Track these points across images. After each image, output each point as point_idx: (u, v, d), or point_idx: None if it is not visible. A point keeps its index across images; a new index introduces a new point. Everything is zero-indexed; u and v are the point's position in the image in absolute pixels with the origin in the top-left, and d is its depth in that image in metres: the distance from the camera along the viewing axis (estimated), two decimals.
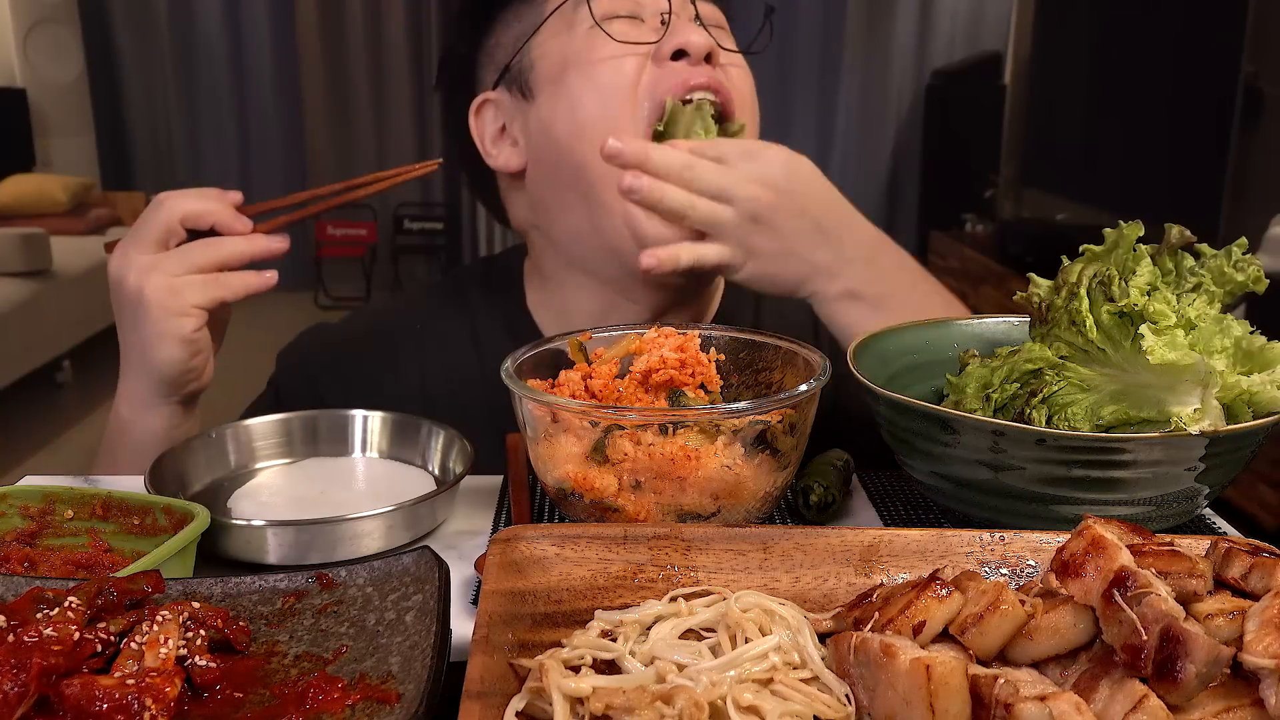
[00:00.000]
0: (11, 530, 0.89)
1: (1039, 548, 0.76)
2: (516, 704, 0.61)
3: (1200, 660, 0.56)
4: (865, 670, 0.61)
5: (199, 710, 0.63)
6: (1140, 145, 5.10)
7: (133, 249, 1.11)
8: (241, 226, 1.13)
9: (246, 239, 1.13)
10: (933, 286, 1.27)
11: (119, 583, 0.69)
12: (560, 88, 1.25)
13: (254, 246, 1.13)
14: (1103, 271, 0.91)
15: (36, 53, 6.73)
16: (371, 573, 0.74)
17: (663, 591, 0.73)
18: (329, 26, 7.65)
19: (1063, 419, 0.89)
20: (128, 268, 1.10)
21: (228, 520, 0.88)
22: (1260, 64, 4.11)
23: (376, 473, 1.06)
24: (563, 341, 1.00)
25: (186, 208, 1.11)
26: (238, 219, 1.13)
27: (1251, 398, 0.86)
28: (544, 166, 1.28)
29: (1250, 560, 0.67)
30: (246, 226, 1.13)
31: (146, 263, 1.10)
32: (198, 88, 7.72)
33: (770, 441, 0.87)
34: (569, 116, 1.24)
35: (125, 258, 1.11)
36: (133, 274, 1.10)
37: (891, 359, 1.04)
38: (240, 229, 1.13)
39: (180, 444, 1.04)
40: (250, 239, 1.13)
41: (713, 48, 1.23)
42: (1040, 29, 6.49)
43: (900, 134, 8.11)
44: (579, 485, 0.86)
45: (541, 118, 1.26)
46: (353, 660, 0.67)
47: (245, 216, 1.14)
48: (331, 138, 7.84)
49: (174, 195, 1.13)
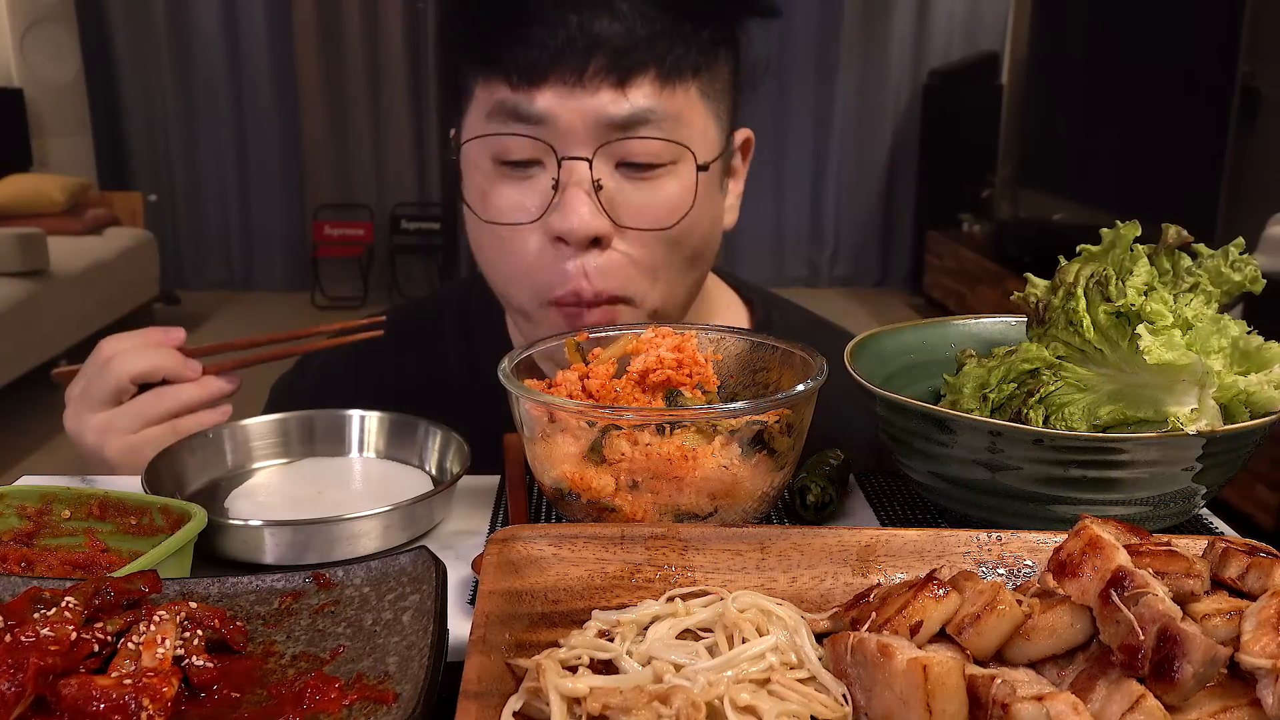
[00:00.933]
0: (9, 530, 0.89)
1: (1036, 548, 0.76)
2: (513, 704, 0.61)
3: (1197, 660, 0.56)
4: (862, 670, 0.61)
5: (196, 710, 0.63)
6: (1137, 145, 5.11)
7: (85, 410, 1.12)
8: (191, 373, 1.14)
9: (199, 384, 1.14)
10: None
11: (116, 583, 0.69)
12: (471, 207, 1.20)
13: (206, 390, 1.14)
14: (1100, 271, 0.91)
15: (34, 53, 6.73)
16: (369, 573, 0.74)
17: (660, 591, 0.73)
18: (326, 26, 7.65)
19: (1060, 419, 0.90)
20: (84, 429, 1.12)
21: (225, 520, 0.88)
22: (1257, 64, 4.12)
23: (373, 473, 1.06)
24: (560, 342, 1.00)
25: (135, 368, 1.11)
26: (187, 365, 1.14)
27: (1248, 398, 0.86)
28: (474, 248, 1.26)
29: (1247, 560, 0.67)
30: (196, 371, 1.14)
31: (101, 423, 1.12)
32: (195, 88, 7.72)
33: (767, 441, 0.87)
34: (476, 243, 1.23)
35: (79, 419, 1.13)
36: (90, 435, 1.12)
37: (889, 359, 1.04)
38: (190, 375, 1.14)
39: (177, 444, 1.04)
40: (202, 383, 1.14)
41: (602, 232, 1.12)
42: (1037, 29, 6.50)
43: (897, 134, 8.12)
44: (576, 485, 0.86)
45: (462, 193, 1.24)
46: (350, 660, 0.67)
47: (194, 361, 1.14)
48: (328, 137, 7.84)
49: (121, 352, 1.12)
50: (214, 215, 8.02)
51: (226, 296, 7.91)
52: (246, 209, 8.03)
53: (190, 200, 7.96)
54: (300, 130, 7.85)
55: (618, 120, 1.10)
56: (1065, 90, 6.09)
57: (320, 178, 7.91)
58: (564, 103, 1.10)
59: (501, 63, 1.11)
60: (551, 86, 1.10)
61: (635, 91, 1.11)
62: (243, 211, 8.04)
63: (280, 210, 8.01)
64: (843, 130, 8.09)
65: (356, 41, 7.66)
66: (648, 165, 1.13)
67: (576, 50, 1.09)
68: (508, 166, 1.15)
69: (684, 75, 1.13)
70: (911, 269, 8.18)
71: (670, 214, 1.15)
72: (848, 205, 8.31)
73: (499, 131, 1.13)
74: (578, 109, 1.10)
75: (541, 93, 1.10)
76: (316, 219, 7.80)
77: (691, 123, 1.15)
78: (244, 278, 8.15)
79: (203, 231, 8.04)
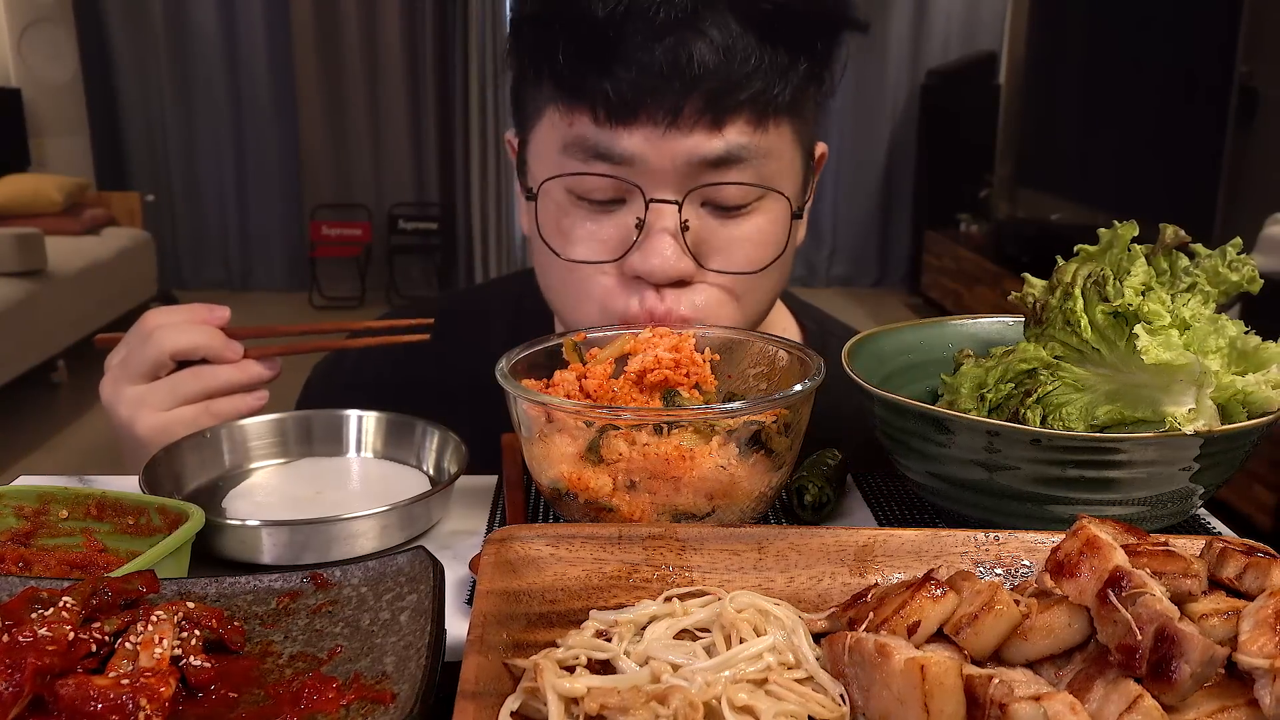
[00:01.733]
0: (6, 530, 0.89)
1: (1034, 548, 0.76)
2: (511, 704, 0.61)
3: (1195, 660, 0.56)
4: (860, 670, 0.61)
5: (194, 710, 0.63)
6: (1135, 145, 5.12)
7: (123, 380, 1.10)
8: (232, 354, 1.11)
9: (238, 367, 1.11)
10: None
11: (114, 583, 0.69)
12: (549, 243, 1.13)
13: (245, 374, 1.11)
14: (1097, 271, 0.91)
15: (32, 53, 6.73)
16: (366, 573, 0.74)
17: (657, 591, 0.73)
18: (324, 27, 7.66)
19: (1057, 419, 0.90)
20: (118, 400, 1.10)
21: (222, 520, 0.88)
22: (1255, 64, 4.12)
23: (371, 473, 1.06)
24: (558, 341, 1.00)
25: (178, 343, 1.09)
26: (228, 346, 1.11)
27: (1246, 398, 0.86)
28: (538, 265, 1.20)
29: (1245, 560, 0.67)
30: (237, 353, 1.11)
31: (136, 396, 1.09)
32: (193, 88, 7.73)
33: (765, 441, 0.87)
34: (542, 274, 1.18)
35: (116, 389, 1.11)
36: (123, 407, 1.10)
37: (886, 359, 1.05)
38: (231, 357, 1.11)
39: (175, 444, 1.04)
40: (241, 367, 1.11)
41: (686, 274, 1.07)
42: (1035, 29, 6.51)
43: (895, 134, 8.14)
44: (574, 485, 0.86)
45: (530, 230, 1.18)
46: (347, 660, 0.67)
47: (235, 343, 1.12)
48: (325, 137, 7.85)
49: (164, 326, 1.09)
50: (212, 215, 8.03)
51: (224, 296, 7.85)
52: (244, 209, 8.04)
53: (188, 200, 7.97)
54: (298, 131, 7.86)
55: (710, 159, 1.04)
56: (1063, 90, 6.10)
57: (318, 178, 7.92)
58: (654, 144, 1.03)
59: (586, 96, 1.04)
60: (642, 126, 1.03)
61: (730, 130, 1.04)
62: (240, 211, 8.05)
63: (278, 210, 8.02)
64: (840, 130, 8.10)
65: (354, 42, 7.67)
66: (736, 207, 1.08)
67: (672, 89, 1.02)
68: (585, 203, 1.09)
69: (779, 112, 1.08)
70: (909, 269, 8.19)
71: (760, 255, 1.10)
72: (846, 205, 8.33)
73: (581, 171, 1.06)
74: (669, 150, 1.04)
75: (630, 132, 1.03)
76: (314, 219, 7.81)
77: (782, 157, 1.10)
78: (242, 277, 8.16)
79: (200, 231, 8.05)
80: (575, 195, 1.09)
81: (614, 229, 1.09)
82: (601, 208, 1.09)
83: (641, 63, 1.01)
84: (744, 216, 1.09)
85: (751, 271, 1.10)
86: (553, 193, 1.11)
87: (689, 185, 1.06)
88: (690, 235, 1.07)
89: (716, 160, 1.05)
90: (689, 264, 1.07)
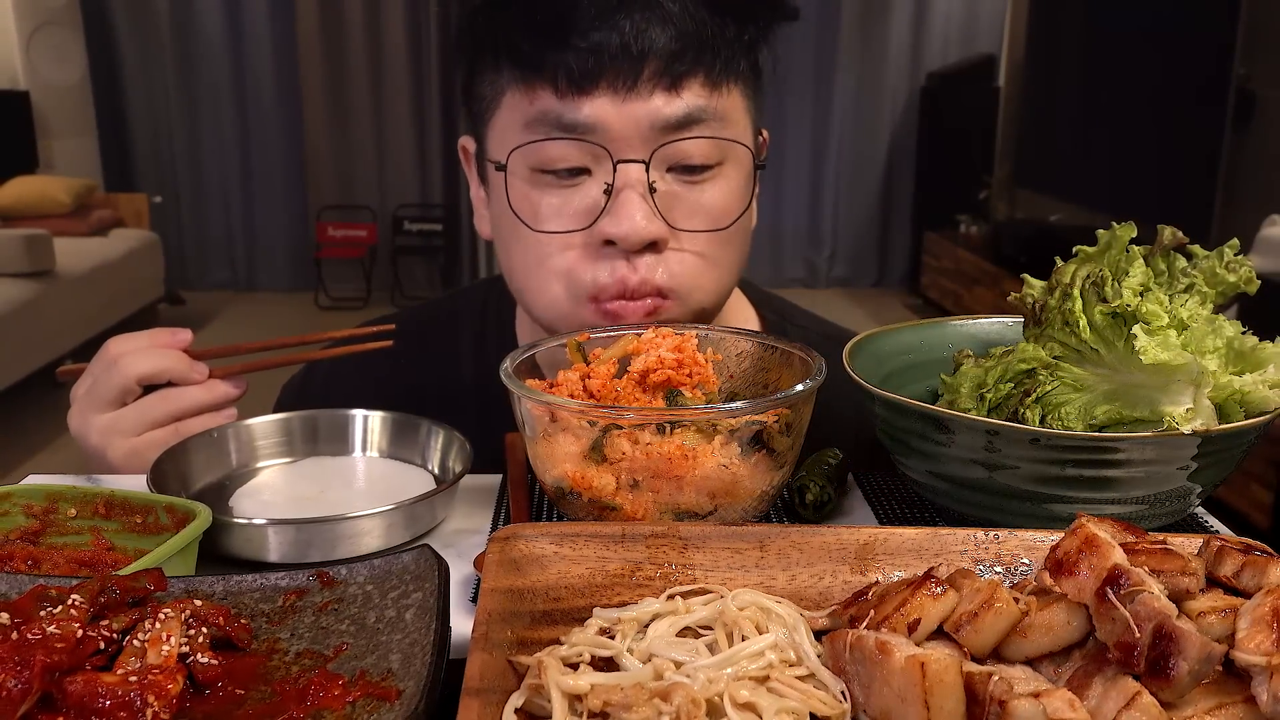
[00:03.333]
0: (15, 529, 0.89)
1: (1033, 546, 0.76)
2: (515, 701, 0.62)
3: (1193, 658, 0.57)
4: (861, 667, 0.62)
5: (200, 707, 0.63)
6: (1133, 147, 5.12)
7: (90, 410, 1.11)
8: (198, 375, 1.12)
9: (204, 388, 1.13)
10: None
11: (121, 581, 0.69)
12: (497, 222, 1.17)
13: (212, 395, 1.13)
14: (1096, 272, 0.92)
15: (40, 56, 6.74)
16: (371, 571, 0.74)
17: (660, 589, 0.74)
18: (328, 30, 7.66)
19: (1056, 418, 0.90)
20: (88, 429, 1.11)
21: (229, 519, 0.89)
22: (1252, 66, 4.13)
23: (376, 472, 1.07)
24: (561, 342, 1.01)
25: (141, 369, 1.10)
26: (194, 368, 1.12)
27: (1243, 397, 0.87)
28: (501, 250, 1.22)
29: (1242, 559, 0.67)
30: (203, 374, 1.13)
31: (105, 424, 1.11)
32: (199, 91, 7.75)
33: (766, 441, 0.88)
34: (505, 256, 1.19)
35: (84, 419, 1.12)
36: (94, 436, 1.11)
37: (886, 359, 1.05)
38: (197, 379, 1.12)
39: (182, 443, 1.04)
40: (208, 387, 1.13)
41: (658, 236, 1.10)
42: (1034, 32, 6.51)
43: (895, 136, 8.14)
44: (577, 484, 0.86)
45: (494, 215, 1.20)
46: (353, 657, 0.68)
47: (200, 364, 1.13)
48: (331, 138, 7.86)
49: (127, 353, 1.11)
50: (218, 216, 8.04)
51: (230, 297, 7.93)
52: (250, 210, 8.05)
53: (194, 202, 7.98)
54: (303, 132, 7.86)
55: (672, 121, 1.08)
56: (1062, 92, 6.10)
57: (323, 179, 7.92)
58: (616, 109, 1.07)
59: (546, 71, 1.08)
60: (602, 94, 1.07)
61: (687, 93, 1.09)
62: (246, 213, 8.06)
63: (283, 212, 8.03)
64: (840, 132, 8.11)
65: (359, 44, 7.67)
66: (700, 167, 1.12)
67: (630, 56, 1.06)
68: (551, 175, 1.11)
69: (730, 76, 1.12)
70: (909, 270, 8.19)
71: (725, 213, 1.14)
72: (846, 206, 8.33)
73: (547, 137, 1.09)
74: (630, 114, 1.07)
75: (591, 100, 1.07)
76: (319, 220, 7.82)
77: (737, 122, 1.14)
78: (248, 278, 8.16)
79: (207, 232, 8.06)
80: (540, 171, 1.11)
81: (581, 199, 1.11)
82: (568, 180, 1.11)
83: (602, 33, 1.06)
84: (708, 181, 1.13)
85: (722, 228, 1.14)
86: (518, 171, 1.13)
87: (652, 146, 1.09)
88: (658, 198, 1.10)
89: (677, 122, 1.09)
90: (660, 225, 1.10)
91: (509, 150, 1.12)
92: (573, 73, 1.06)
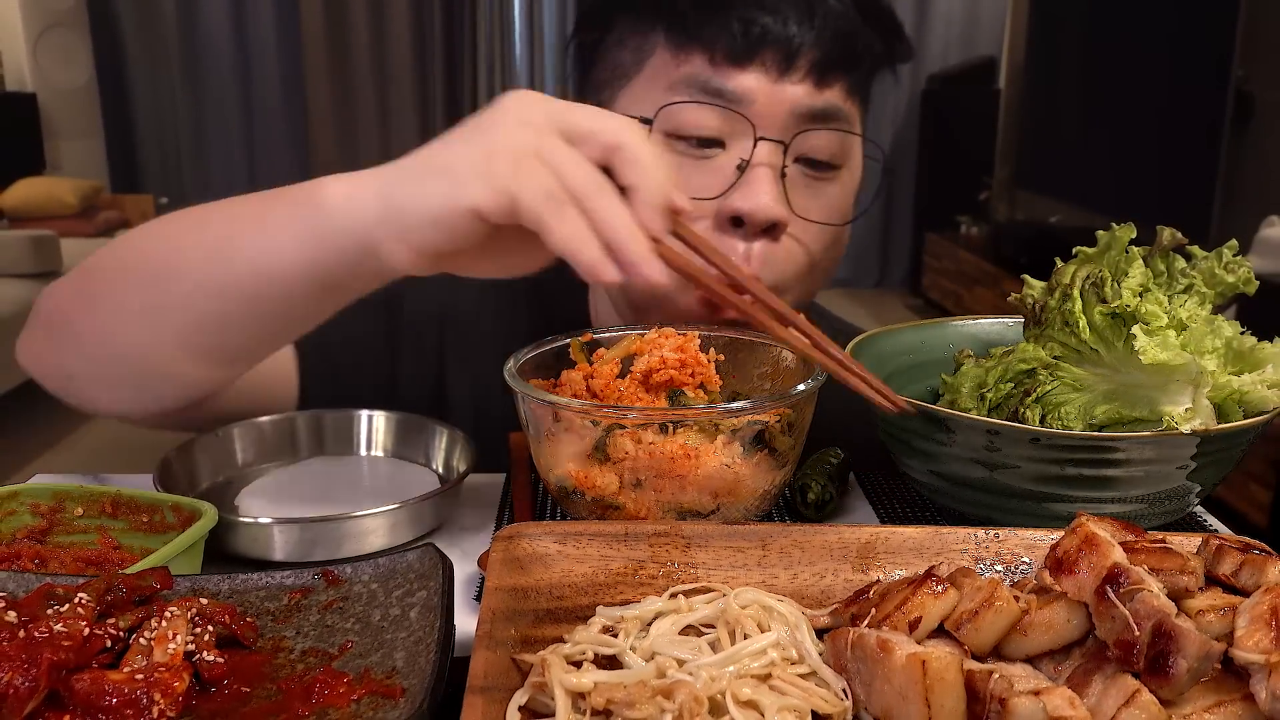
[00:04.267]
0: (22, 528, 0.89)
1: (1033, 545, 0.77)
2: (519, 699, 0.62)
3: (1192, 656, 0.57)
4: (862, 665, 0.62)
5: (206, 705, 0.64)
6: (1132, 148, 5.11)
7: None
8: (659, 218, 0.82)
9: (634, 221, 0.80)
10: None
11: (128, 579, 0.69)
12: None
13: (637, 234, 0.80)
14: (1095, 273, 0.92)
15: (47, 58, 6.74)
16: (376, 569, 0.74)
17: (663, 588, 0.74)
18: (334, 33, 7.66)
19: (1056, 418, 0.91)
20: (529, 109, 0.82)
21: (235, 518, 0.89)
22: (1251, 68, 4.13)
23: (381, 471, 1.07)
24: (565, 342, 1.01)
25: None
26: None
27: (1242, 397, 0.87)
28: None
29: (1241, 557, 0.68)
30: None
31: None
32: (205, 92, 7.74)
33: (768, 440, 0.88)
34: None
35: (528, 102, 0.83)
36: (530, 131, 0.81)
37: (887, 359, 1.05)
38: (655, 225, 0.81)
39: (187, 443, 1.05)
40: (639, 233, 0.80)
41: (781, 218, 1.08)
42: (1034, 34, 6.50)
43: (896, 137, 8.13)
44: (580, 483, 0.86)
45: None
46: (358, 655, 0.68)
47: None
48: (336, 142, 7.85)
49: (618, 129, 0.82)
50: None
51: None
52: None
53: (200, 203, 7.96)
54: (308, 135, 7.86)
55: (814, 111, 1.09)
56: (1062, 94, 6.10)
57: None
58: (765, 88, 1.08)
59: (707, 39, 1.08)
60: (755, 70, 1.07)
61: (829, 91, 1.10)
62: None
63: None
64: None
65: (364, 47, 7.67)
66: (826, 164, 1.13)
67: (789, 41, 1.07)
68: (683, 144, 1.10)
69: (861, 88, 1.15)
70: (910, 270, 8.19)
71: (845, 210, 1.16)
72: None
73: (693, 99, 1.08)
74: (778, 95, 1.08)
75: (744, 73, 1.07)
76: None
77: (858, 132, 1.17)
78: None
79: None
80: (675, 137, 1.10)
81: (712, 174, 1.10)
82: (701, 150, 1.10)
83: (770, 13, 1.07)
84: (828, 182, 1.14)
85: (840, 224, 1.16)
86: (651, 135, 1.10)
87: (793, 131, 1.09)
88: (787, 184, 1.10)
89: (819, 113, 1.10)
90: (784, 209, 1.09)
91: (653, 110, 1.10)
92: (734, 43, 1.07)
